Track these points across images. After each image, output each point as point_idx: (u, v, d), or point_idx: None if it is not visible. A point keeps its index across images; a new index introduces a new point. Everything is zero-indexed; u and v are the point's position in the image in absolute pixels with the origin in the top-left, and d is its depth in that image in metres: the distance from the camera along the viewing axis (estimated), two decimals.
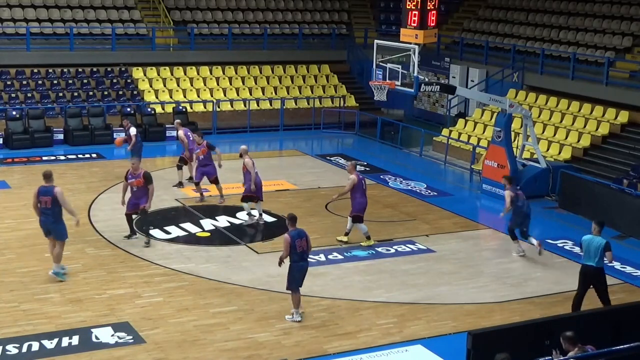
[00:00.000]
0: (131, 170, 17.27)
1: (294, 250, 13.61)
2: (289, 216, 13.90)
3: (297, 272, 13.77)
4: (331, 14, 36.12)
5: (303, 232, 13.80)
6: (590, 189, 20.98)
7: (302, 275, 13.87)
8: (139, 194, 17.25)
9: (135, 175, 17.16)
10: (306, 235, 13.83)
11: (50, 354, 12.57)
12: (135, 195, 17.31)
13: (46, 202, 14.87)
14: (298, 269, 13.77)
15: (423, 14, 20.77)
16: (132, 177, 17.21)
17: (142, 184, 17.12)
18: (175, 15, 32.75)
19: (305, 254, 13.79)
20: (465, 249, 18.27)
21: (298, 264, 13.75)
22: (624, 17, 28.44)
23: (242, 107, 30.27)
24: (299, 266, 13.78)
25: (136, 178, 17.14)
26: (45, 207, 14.91)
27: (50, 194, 14.87)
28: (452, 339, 13.58)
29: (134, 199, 17.35)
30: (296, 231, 13.72)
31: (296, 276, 13.78)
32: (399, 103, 31.90)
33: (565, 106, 26.61)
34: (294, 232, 13.69)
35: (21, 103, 27.64)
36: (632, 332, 11.98)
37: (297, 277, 13.80)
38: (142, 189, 17.18)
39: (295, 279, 13.80)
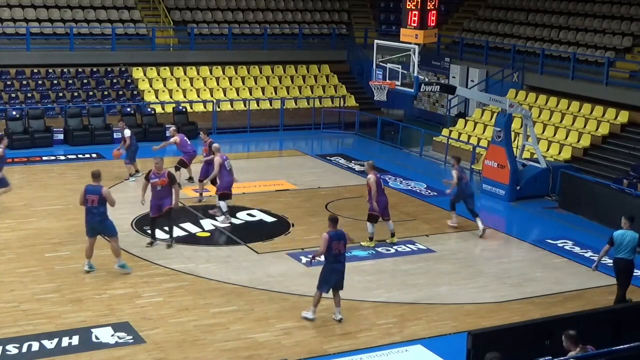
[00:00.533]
0: (154, 169, 16.87)
1: (330, 251, 13.64)
2: (331, 217, 14.00)
3: (329, 273, 13.79)
4: (331, 14, 36.13)
5: (342, 235, 13.84)
6: (590, 189, 20.98)
7: (334, 277, 13.81)
8: (162, 194, 16.80)
9: (160, 174, 16.78)
10: (345, 237, 13.88)
11: (50, 354, 12.57)
12: (158, 196, 16.85)
13: (93, 200, 15.11)
14: (330, 270, 13.79)
15: (423, 14, 20.76)
16: (155, 177, 16.80)
17: (167, 183, 16.75)
18: (175, 15, 32.76)
19: (340, 256, 13.80)
20: (465, 249, 18.27)
21: (332, 265, 13.78)
22: (624, 17, 28.44)
23: (242, 107, 30.27)
24: (332, 267, 13.79)
25: (160, 177, 16.74)
26: (91, 206, 15.15)
27: (97, 192, 15.14)
28: (452, 339, 13.58)
29: (157, 200, 16.88)
30: (335, 232, 13.74)
31: (327, 277, 13.80)
32: (399, 103, 31.91)
33: (565, 106, 26.61)
34: (333, 232, 13.72)
35: (21, 103, 27.64)
36: (632, 332, 11.98)
37: (328, 278, 13.80)
38: (166, 189, 16.78)
39: (326, 280, 13.81)
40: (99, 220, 15.29)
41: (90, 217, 15.29)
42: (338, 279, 13.87)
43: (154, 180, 16.81)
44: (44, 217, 19.02)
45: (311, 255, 14.24)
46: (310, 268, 16.40)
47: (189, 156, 21.64)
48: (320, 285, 13.88)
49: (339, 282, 13.90)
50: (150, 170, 17.09)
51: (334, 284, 13.85)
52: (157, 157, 17.40)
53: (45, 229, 18.17)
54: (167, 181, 16.74)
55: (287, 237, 18.46)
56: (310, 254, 14.88)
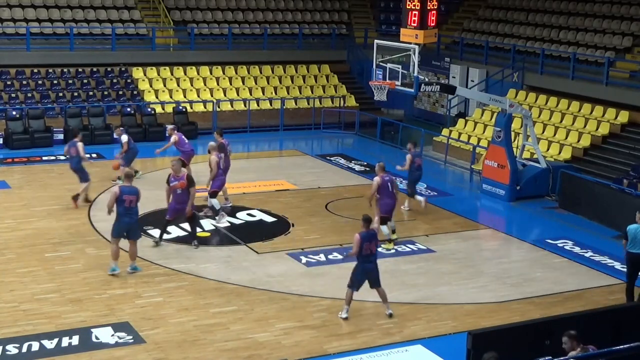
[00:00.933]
0: (172, 173, 16.79)
1: (361, 251, 13.80)
2: (364, 217, 14.10)
3: (359, 272, 13.95)
4: (331, 14, 36.13)
5: (374, 235, 13.99)
6: (590, 189, 20.98)
7: (365, 277, 13.98)
8: (183, 197, 16.72)
9: (179, 177, 16.68)
10: (376, 238, 14.05)
11: (50, 354, 12.57)
12: (178, 200, 16.75)
13: (131, 201, 15.18)
14: (362, 270, 13.94)
15: (423, 14, 20.75)
16: (175, 180, 16.69)
17: (186, 186, 16.65)
18: (175, 15, 32.75)
19: (371, 256, 13.96)
20: (465, 249, 18.27)
21: (363, 265, 13.93)
22: (624, 17, 28.45)
23: (242, 107, 30.27)
24: (364, 267, 13.94)
25: (180, 180, 16.65)
26: (129, 207, 15.18)
27: (135, 192, 15.31)
28: (452, 339, 13.59)
29: (176, 203, 16.80)
30: (367, 233, 13.86)
31: (358, 277, 13.98)
32: (399, 103, 31.90)
33: (565, 106, 26.61)
34: (365, 233, 13.85)
35: (21, 103, 27.64)
36: (632, 332, 11.98)
37: (359, 278, 13.98)
38: (186, 192, 16.72)
39: (356, 279, 13.99)
40: (135, 221, 15.46)
41: (128, 218, 15.29)
42: (372, 278, 14.06)
43: (174, 183, 16.70)
44: (44, 217, 19.02)
45: (345, 254, 14.57)
46: (310, 268, 16.45)
47: (187, 156, 21.57)
48: (351, 283, 14.07)
49: (374, 281, 14.10)
50: (170, 174, 16.95)
51: (367, 282, 14.05)
52: (173, 159, 17.29)
53: (45, 229, 18.16)
54: (186, 184, 16.66)
55: (287, 237, 18.46)
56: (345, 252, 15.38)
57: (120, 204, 15.18)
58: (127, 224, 15.34)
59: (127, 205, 15.18)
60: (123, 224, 15.34)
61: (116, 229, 15.42)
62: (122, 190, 15.21)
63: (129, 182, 15.47)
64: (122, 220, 15.32)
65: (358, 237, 13.79)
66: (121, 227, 15.37)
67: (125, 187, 15.31)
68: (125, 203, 15.16)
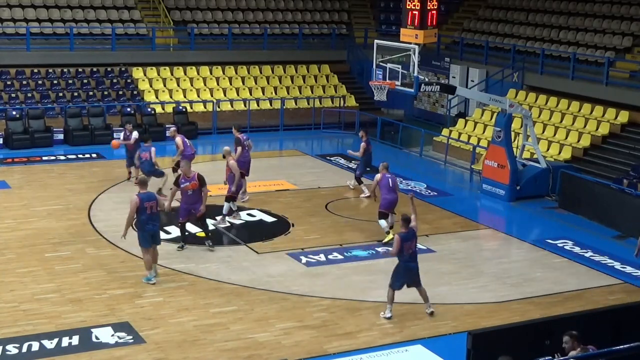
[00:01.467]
0: (183, 174, 16.56)
1: (402, 251, 13.92)
2: (403, 217, 14.19)
3: (403, 271, 14.06)
4: (331, 14, 36.13)
5: (413, 234, 14.10)
6: (590, 189, 20.98)
7: (407, 276, 14.10)
8: (193, 198, 16.47)
9: (189, 178, 16.41)
10: (416, 237, 14.16)
11: (50, 354, 12.57)
12: (189, 201, 16.51)
13: (152, 206, 14.88)
14: (405, 268, 14.05)
15: (423, 14, 20.76)
16: (185, 181, 16.42)
17: (197, 186, 16.41)
18: (175, 15, 32.75)
19: (413, 254, 14.10)
20: (465, 249, 18.27)
21: (406, 264, 14.05)
22: (624, 17, 28.44)
23: (242, 107, 30.27)
24: (407, 266, 14.06)
25: (191, 181, 16.37)
26: (151, 213, 14.85)
27: (153, 198, 15.02)
28: (452, 339, 13.59)
29: (186, 204, 16.57)
30: (406, 233, 13.98)
31: (400, 276, 14.09)
32: (399, 103, 31.90)
33: (565, 106, 26.61)
34: (404, 234, 13.95)
35: (21, 103, 27.64)
36: (632, 332, 11.98)
37: (401, 277, 14.09)
38: (197, 193, 16.47)
39: (398, 278, 14.10)
40: (159, 226, 15.23)
41: (151, 225, 14.93)
42: (413, 278, 14.19)
43: (185, 185, 16.43)
44: (44, 217, 19.02)
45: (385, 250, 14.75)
46: (310, 268, 16.45)
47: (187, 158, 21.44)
48: (392, 283, 14.17)
49: (414, 280, 14.22)
50: (180, 175, 16.75)
51: (407, 282, 14.17)
52: (182, 161, 17.27)
53: (45, 229, 18.16)
54: (198, 184, 16.41)
55: (287, 237, 18.45)
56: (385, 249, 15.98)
57: (142, 212, 14.76)
58: (150, 230, 14.95)
59: (149, 212, 14.81)
60: (147, 231, 14.92)
61: (143, 239, 15.00)
62: (142, 198, 14.78)
63: (145, 189, 15.06)
64: (146, 229, 14.89)
65: (398, 238, 13.91)
66: (147, 235, 14.95)
67: (143, 195, 14.86)
68: (147, 210, 14.78)
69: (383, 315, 14.27)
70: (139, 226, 15.01)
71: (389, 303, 14.22)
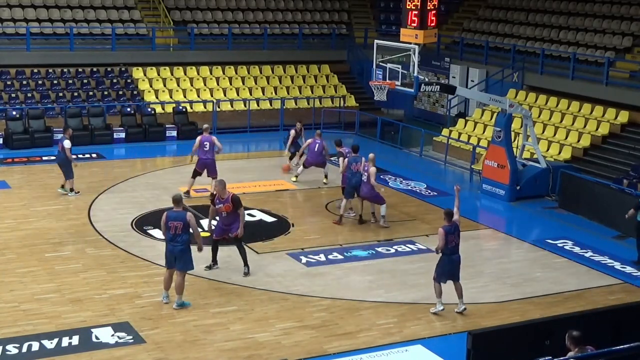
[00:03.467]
0: (217, 194, 15.48)
1: (447, 244, 14.16)
2: (446, 211, 14.51)
3: (447, 264, 14.31)
4: (331, 14, 36.13)
5: (456, 227, 14.36)
6: (590, 189, 20.98)
7: (452, 268, 14.35)
8: (229, 219, 15.46)
9: (223, 200, 15.35)
10: (459, 230, 14.42)
11: (50, 354, 12.57)
12: (224, 221, 15.54)
13: (177, 227, 13.90)
14: (448, 261, 14.31)
15: (423, 14, 20.75)
16: (220, 202, 15.39)
17: (231, 209, 15.34)
18: (175, 15, 32.75)
19: (457, 247, 14.39)
20: (465, 249, 18.13)
21: (450, 257, 14.31)
22: (624, 17, 28.45)
23: (242, 107, 30.27)
24: (450, 259, 14.33)
25: (224, 203, 15.33)
26: (174, 234, 13.93)
27: (181, 219, 13.93)
28: (452, 339, 13.59)
29: (222, 224, 15.60)
30: (450, 226, 14.24)
31: (445, 269, 14.33)
32: (399, 103, 31.90)
33: (565, 106, 26.61)
34: (447, 227, 14.22)
35: (21, 103, 27.64)
36: (632, 332, 11.98)
37: (447, 270, 14.33)
38: (233, 214, 15.42)
39: (444, 271, 14.35)
40: (181, 250, 13.98)
41: (172, 246, 14.01)
42: (455, 271, 14.43)
43: (219, 206, 15.41)
44: (44, 217, 19.01)
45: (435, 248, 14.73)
46: (310, 268, 16.45)
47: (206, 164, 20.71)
48: (438, 277, 14.41)
49: (454, 274, 14.45)
50: (215, 195, 15.68)
51: (449, 275, 14.39)
52: (216, 181, 16.07)
53: (45, 229, 18.16)
54: (232, 207, 15.33)
55: (287, 237, 18.45)
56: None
57: (167, 230, 14.02)
58: (170, 252, 14.08)
59: (172, 232, 13.94)
60: (168, 251, 14.15)
61: (165, 258, 14.28)
62: (168, 216, 13.98)
63: (177, 207, 14.07)
64: (167, 248, 14.17)
65: (442, 231, 14.16)
66: (168, 255, 14.16)
67: (171, 213, 14.02)
68: (170, 230, 13.95)
69: (434, 310, 14.46)
70: (165, 243, 14.36)
71: (438, 296, 14.44)
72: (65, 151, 20.24)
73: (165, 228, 14.01)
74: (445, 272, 14.41)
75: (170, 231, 13.95)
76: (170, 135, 27.18)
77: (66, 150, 20.22)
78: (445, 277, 14.44)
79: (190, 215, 14.05)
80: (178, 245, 14.01)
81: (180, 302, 14.29)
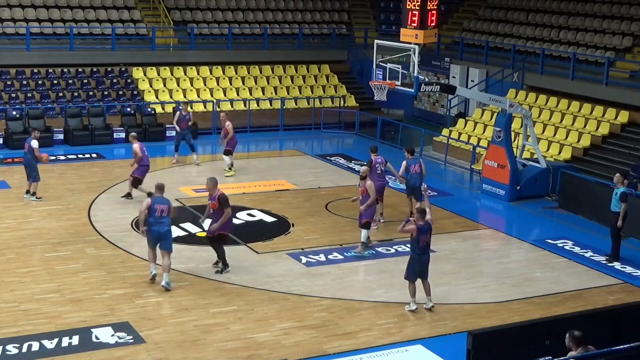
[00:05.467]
0: (209, 191, 16.03)
1: (417, 244, 14.33)
2: (419, 209, 14.71)
3: (417, 263, 14.38)
4: (331, 14, 36.13)
5: (429, 227, 14.58)
6: (590, 189, 20.98)
7: (421, 267, 14.41)
8: (215, 217, 15.80)
9: (212, 197, 15.83)
10: (431, 230, 14.63)
11: (50, 354, 12.57)
12: (212, 218, 15.93)
13: (162, 210, 15.09)
14: (418, 261, 14.37)
15: (423, 14, 20.74)
16: (210, 199, 15.94)
17: (217, 207, 15.68)
18: (175, 15, 32.75)
19: (428, 247, 14.49)
20: (465, 249, 18.27)
21: (420, 256, 14.38)
22: (624, 17, 28.45)
23: (242, 107, 30.26)
24: (420, 258, 14.37)
25: (211, 200, 15.80)
26: (160, 216, 15.06)
27: (166, 203, 15.26)
28: (452, 339, 13.59)
29: (213, 221, 15.91)
30: (423, 226, 14.39)
31: (416, 268, 14.40)
32: (399, 103, 31.90)
33: (565, 106, 26.61)
34: (421, 226, 14.35)
35: (21, 103, 27.64)
36: (632, 332, 11.98)
37: (417, 269, 14.40)
38: (219, 212, 15.68)
39: (414, 270, 14.42)
40: (166, 230, 15.17)
41: (158, 227, 15.07)
42: (424, 269, 14.50)
43: (208, 202, 15.97)
44: (44, 217, 19.02)
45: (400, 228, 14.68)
46: (310, 268, 16.44)
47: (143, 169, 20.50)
48: (408, 275, 14.52)
49: (423, 271, 14.52)
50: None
51: (420, 273, 14.46)
52: (208, 179, 16.19)
53: (45, 229, 18.17)
54: (217, 205, 15.68)
55: (287, 237, 18.46)
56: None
57: (151, 213, 15.03)
58: (156, 232, 15.08)
59: (158, 214, 15.04)
60: (152, 232, 15.11)
61: (151, 238, 15.22)
62: (154, 201, 15.15)
63: (160, 194, 15.30)
64: (152, 229, 15.11)
65: (415, 228, 14.27)
66: (153, 235, 15.14)
67: (157, 198, 15.21)
68: (156, 212, 15.03)
69: (408, 308, 14.51)
70: (147, 226, 15.15)
71: (412, 296, 14.50)
72: (33, 152, 20.07)
73: (150, 211, 15.03)
74: (416, 271, 14.45)
75: (156, 213, 15.05)
76: (170, 135, 27.16)
77: (34, 151, 20.08)
78: (414, 275, 14.48)
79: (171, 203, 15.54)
80: (164, 226, 15.14)
81: (168, 281, 15.07)
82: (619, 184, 17.68)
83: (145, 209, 15.06)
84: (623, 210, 17.39)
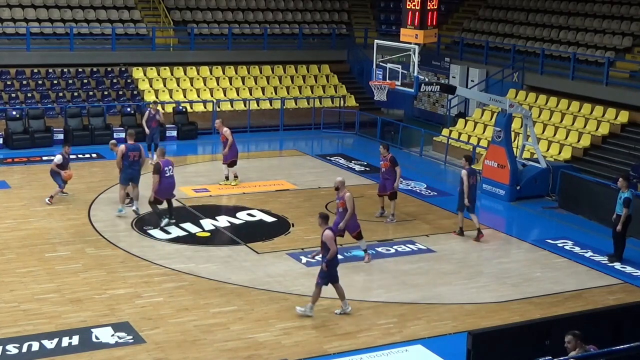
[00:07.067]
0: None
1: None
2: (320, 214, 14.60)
3: (331, 267, 14.21)
4: (331, 14, 36.13)
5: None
6: (590, 189, 20.97)
7: (334, 272, 14.25)
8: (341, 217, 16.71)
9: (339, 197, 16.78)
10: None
11: (50, 354, 12.57)
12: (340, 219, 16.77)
13: (135, 155, 18.84)
14: (331, 266, 14.17)
15: (423, 14, 20.74)
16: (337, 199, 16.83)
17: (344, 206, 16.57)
18: (175, 15, 32.75)
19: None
20: (465, 249, 18.27)
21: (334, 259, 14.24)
22: (624, 17, 28.45)
23: (242, 107, 30.26)
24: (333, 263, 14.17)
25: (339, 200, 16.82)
26: (134, 160, 18.83)
27: (138, 149, 19.01)
28: (452, 339, 13.59)
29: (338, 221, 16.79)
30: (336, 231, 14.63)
31: (332, 272, 14.22)
32: (399, 103, 31.89)
33: (565, 106, 26.61)
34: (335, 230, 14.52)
35: (21, 103, 27.64)
36: (632, 332, 11.98)
37: (334, 273, 14.23)
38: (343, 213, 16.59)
39: (330, 274, 14.22)
40: (138, 171, 18.98)
41: (132, 170, 18.86)
42: (335, 273, 14.29)
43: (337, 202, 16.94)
44: (44, 217, 19.02)
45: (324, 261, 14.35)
46: (310, 268, 16.43)
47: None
48: (321, 280, 14.22)
49: (336, 276, 14.33)
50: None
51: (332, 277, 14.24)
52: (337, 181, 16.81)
53: (45, 229, 18.17)
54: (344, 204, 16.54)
55: (287, 237, 18.46)
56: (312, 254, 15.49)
57: (125, 159, 18.67)
58: (130, 173, 18.89)
59: (132, 159, 18.74)
60: (127, 173, 18.84)
61: (125, 177, 18.91)
62: (128, 147, 18.81)
63: (132, 140, 19.09)
64: (127, 171, 18.81)
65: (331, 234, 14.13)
66: (126, 175, 18.86)
67: (130, 145, 18.87)
68: (130, 157, 18.71)
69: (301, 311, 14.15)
70: (123, 169, 18.82)
71: (314, 302, 14.17)
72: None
73: (124, 157, 18.71)
74: (332, 274, 14.17)
75: (130, 158, 18.76)
76: (170, 135, 27.17)
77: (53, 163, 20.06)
78: (327, 279, 14.18)
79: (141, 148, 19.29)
80: (136, 168, 18.96)
81: (137, 207, 18.93)
82: (623, 189, 17.49)
83: (120, 155, 18.66)
84: (624, 215, 17.28)
